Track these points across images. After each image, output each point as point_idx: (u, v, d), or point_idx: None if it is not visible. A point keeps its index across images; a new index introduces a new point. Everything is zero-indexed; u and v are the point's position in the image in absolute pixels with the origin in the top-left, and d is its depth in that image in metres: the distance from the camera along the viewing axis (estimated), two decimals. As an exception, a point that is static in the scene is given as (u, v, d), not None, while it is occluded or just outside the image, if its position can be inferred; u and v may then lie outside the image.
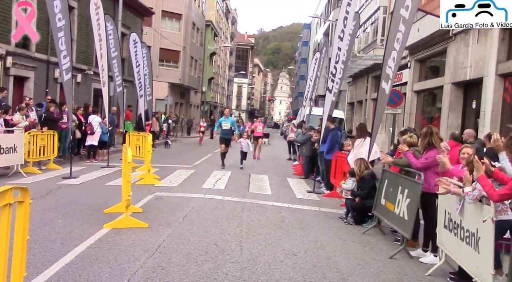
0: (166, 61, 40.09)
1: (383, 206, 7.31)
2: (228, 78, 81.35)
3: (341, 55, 10.89)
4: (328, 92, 11.65)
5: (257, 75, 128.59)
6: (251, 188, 11.15)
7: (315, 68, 18.84)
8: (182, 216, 7.54)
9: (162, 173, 12.52)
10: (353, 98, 31.19)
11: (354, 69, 26.39)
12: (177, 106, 42.85)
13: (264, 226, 7.27)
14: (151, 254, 5.39)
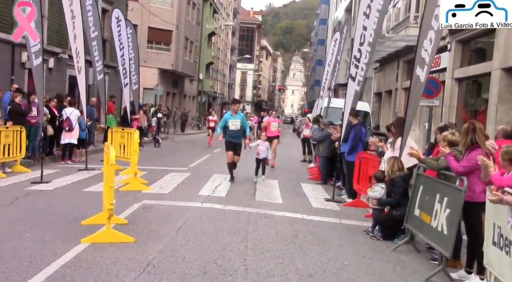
0: (155, 43, 40.20)
1: (417, 218, 7.27)
2: (230, 63, 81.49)
3: (367, 36, 10.85)
4: (351, 80, 11.62)
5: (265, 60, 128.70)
6: (258, 196, 11.15)
7: (334, 52, 18.81)
8: (175, 228, 7.54)
9: (151, 176, 12.55)
10: (381, 87, 31.08)
11: (382, 52, 26.26)
12: (169, 97, 42.97)
13: (274, 241, 7.26)
14: (138, 274, 5.40)
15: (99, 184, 10.28)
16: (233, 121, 12.97)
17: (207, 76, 56.56)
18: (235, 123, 12.96)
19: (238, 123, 12.96)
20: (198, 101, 51.54)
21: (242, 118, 13.19)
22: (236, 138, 13.06)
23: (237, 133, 13.00)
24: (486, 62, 15.68)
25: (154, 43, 40.05)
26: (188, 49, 45.38)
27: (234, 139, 13.01)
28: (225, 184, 12.33)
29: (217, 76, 69.82)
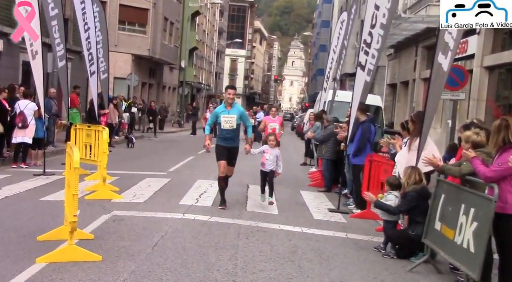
0: (128, 23, 40.05)
1: (438, 232, 7.29)
2: (217, 49, 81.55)
3: (380, 17, 10.85)
4: (360, 69, 11.63)
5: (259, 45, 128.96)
6: (250, 205, 11.15)
7: (340, 35, 18.83)
8: (151, 244, 7.52)
9: (123, 183, 12.51)
10: (395, 78, 31.19)
11: (398, 36, 26.35)
12: (145, 88, 42.89)
13: (268, 259, 7.26)
14: (105, 299, 5.36)
15: (59, 192, 10.21)
16: (227, 117, 10.81)
17: (190, 64, 56.44)
18: (230, 120, 10.81)
19: (235, 120, 10.80)
20: (179, 93, 51.40)
21: (240, 113, 11.02)
22: (232, 141, 10.90)
23: (233, 134, 10.87)
24: (523, 47, 15.73)
25: (126, 24, 39.85)
26: (168, 32, 45.29)
27: (228, 143, 10.86)
28: (212, 191, 12.30)
29: (202, 64, 69.80)
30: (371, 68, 11.33)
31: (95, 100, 18.39)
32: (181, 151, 22.56)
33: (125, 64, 37.86)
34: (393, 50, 31.06)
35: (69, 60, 22.04)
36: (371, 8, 11.15)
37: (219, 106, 11.69)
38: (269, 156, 11.02)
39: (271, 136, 11.48)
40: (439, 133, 21.68)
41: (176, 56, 48.86)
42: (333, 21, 62.58)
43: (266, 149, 11.16)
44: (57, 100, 19.25)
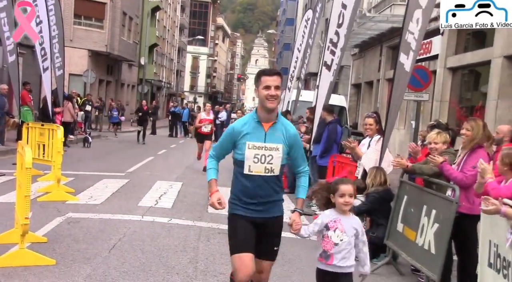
0: (85, 18, 39.56)
1: (400, 234, 7.43)
2: (179, 46, 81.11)
3: (346, 16, 10.99)
4: (326, 69, 11.77)
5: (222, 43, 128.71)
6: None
7: (305, 34, 19.00)
8: (108, 247, 7.48)
9: (79, 184, 12.38)
10: (360, 78, 31.53)
11: (362, 35, 26.66)
12: (102, 85, 42.43)
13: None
14: (59, 304, 5.33)
15: (10, 193, 10.06)
16: (264, 147, 5.00)
17: (150, 61, 56.02)
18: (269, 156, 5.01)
19: (278, 156, 4.97)
20: (139, 91, 51.00)
21: (291, 138, 5.02)
22: (266, 205, 5.09)
23: (269, 189, 5.03)
24: (485, 49, 16.10)
25: (83, 18, 39.37)
26: (127, 27, 44.90)
27: (259, 212, 5.09)
28: (172, 193, 12.29)
29: (163, 62, 69.36)
30: (336, 68, 11.49)
31: (49, 98, 18.14)
32: (140, 151, 22.40)
33: (81, 60, 37.40)
34: (358, 50, 31.37)
35: (21, 55, 21.68)
36: (338, 7, 11.28)
37: (243, 117, 5.28)
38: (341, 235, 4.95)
39: None
40: (403, 134, 22.02)
41: (135, 52, 48.46)
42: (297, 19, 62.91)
43: (331, 219, 4.96)
44: (7, 97, 18.91)
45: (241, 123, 4.99)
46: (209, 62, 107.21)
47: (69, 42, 31.50)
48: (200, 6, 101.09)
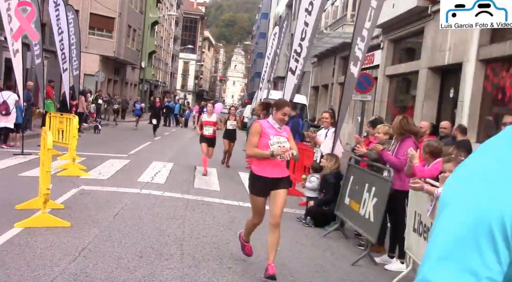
0: (97, 29, 39.01)
1: (347, 206, 7.50)
2: (172, 53, 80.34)
3: (308, 32, 11.01)
4: (291, 73, 11.77)
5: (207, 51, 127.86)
6: (197, 183, 11.14)
7: (274, 45, 18.97)
8: (112, 214, 7.43)
9: (90, 163, 12.26)
10: (318, 81, 31.63)
11: (320, 48, 26.74)
12: (110, 84, 41.97)
13: (210, 227, 7.30)
14: (73, 258, 5.29)
15: (35, 169, 9.94)
16: None
17: (149, 64, 55.52)
18: None
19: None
20: (140, 89, 50.66)
21: None
22: None
23: None
24: (415, 61, 16.30)
25: (96, 29, 38.83)
26: (131, 37, 44.37)
27: None
28: (165, 171, 12.23)
29: (160, 65, 68.71)
30: (299, 73, 11.51)
31: (67, 93, 17.95)
32: (140, 137, 22.21)
33: (94, 63, 36.91)
34: (316, 59, 31.47)
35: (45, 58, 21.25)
36: (301, 25, 11.28)
37: None
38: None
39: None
40: (351, 127, 22.19)
41: (137, 57, 47.95)
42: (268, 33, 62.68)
43: None
44: (34, 92, 18.62)
45: None
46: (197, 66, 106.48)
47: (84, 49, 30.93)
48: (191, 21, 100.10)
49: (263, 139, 5.31)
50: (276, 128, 5.39)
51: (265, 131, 5.34)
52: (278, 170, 5.38)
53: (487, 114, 12.14)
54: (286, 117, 5.44)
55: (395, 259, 6.35)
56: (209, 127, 12.86)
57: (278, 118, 5.38)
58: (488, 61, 11.93)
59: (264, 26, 76.19)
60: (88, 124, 24.19)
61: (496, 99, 11.73)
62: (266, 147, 5.26)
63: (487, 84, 12.00)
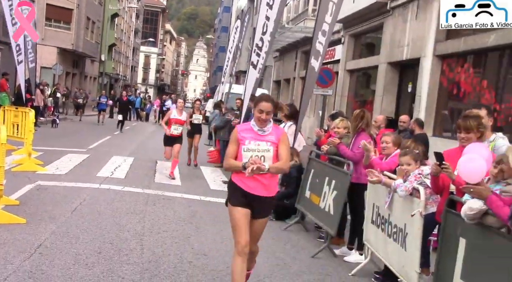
0: (55, 21, 37.99)
1: (307, 199, 7.57)
2: (133, 46, 79.09)
3: (270, 26, 11.01)
4: (252, 67, 11.74)
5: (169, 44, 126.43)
6: (157, 178, 11.02)
7: (235, 39, 18.93)
8: (70, 209, 7.28)
9: (47, 157, 11.96)
10: (280, 75, 31.76)
11: (282, 42, 26.83)
12: (69, 77, 41.02)
13: (171, 222, 7.24)
14: (28, 255, 5.15)
15: (-11, 164, 9.62)
16: None
17: (109, 57, 54.49)
18: None
19: None
20: (99, 82, 49.70)
21: None
22: None
23: None
24: (374, 56, 16.56)
25: (53, 21, 37.81)
26: (90, 29, 43.41)
27: None
28: (125, 166, 12.05)
29: (120, 59, 67.53)
30: (261, 67, 11.51)
31: (23, 86, 17.42)
32: (99, 131, 21.80)
33: (51, 55, 35.97)
34: (278, 53, 31.56)
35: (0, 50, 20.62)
36: (263, 19, 11.26)
37: None
38: None
39: None
40: (312, 121, 22.39)
41: (97, 50, 47.01)
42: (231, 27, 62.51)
43: None
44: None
45: None
46: (158, 60, 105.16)
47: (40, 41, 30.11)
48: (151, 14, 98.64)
49: (240, 146, 4.30)
50: (256, 132, 4.31)
51: (240, 136, 4.31)
52: (260, 186, 4.27)
53: (443, 109, 12.46)
54: (265, 115, 4.26)
55: (354, 251, 6.45)
56: (179, 126, 11.28)
57: (256, 118, 4.33)
58: (444, 57, 12.24)
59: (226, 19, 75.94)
60: (45, 119, 23.58)
61: (452, 94, 12.05)
62: None
63: (443, 79, 12.30)
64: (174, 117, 11.24)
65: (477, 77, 11.12)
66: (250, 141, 4.27)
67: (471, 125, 4.47)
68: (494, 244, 3.63)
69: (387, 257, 5.37)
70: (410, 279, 4.74)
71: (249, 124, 4.46)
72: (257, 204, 4.31)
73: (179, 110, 11.43)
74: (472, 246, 3.88)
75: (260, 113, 4.30)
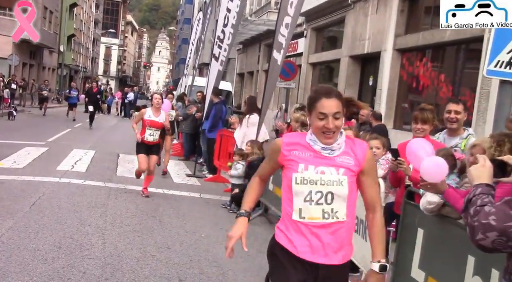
0: (9, 10, 36.81)
1: (270, 192, 7.61)
2: (93, 37, 77.49)
3: (231, 18, 11.00)
4: (214, 60, 11.74)
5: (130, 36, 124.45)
6: (120, 171, 10.88)
7: (198, 31, 18.81)
8: (29, 204, 7.11)
9: (4, 151, 11.62)
10: (243, 68, 31.74)
11: (245, 35, 26.78)
12: (26, 68, 39.93)
13: (134, 216, 7.17)
14: (-15, 252, 5.02)
15: None
16: None
17: (68, 48, 53.24)
18: None
19: None
20: (58, 74, 48.53)
21: None
22: None
23: None
24: (336, 50, 16.74)
25: (7, 10, 36.66)
26: (48, 19, 42.33)
27: None
28: (86, 159, 11.84)
29: (80, 49, 66.07)
30: (223, 59, 11.49)
31: (-23, 77, 16.86)
32: (58, 124, 21.31)
33: (6, 46, 34.87)
34: (241, 46, 31.52)
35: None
36: (224, 11, 11.27)
37: None
38: None
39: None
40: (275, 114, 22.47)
41: (55, 41, 45.89)
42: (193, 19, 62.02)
43: None
44: None
45: None
46: (119, 51, 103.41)
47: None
48: (112, 4, 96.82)
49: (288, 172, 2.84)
50: (317, 151, 2.67)
51: (287, 154, 2.76)
52: None
53: (403, 102, 12.73)
54: (331, 122, 2.52)
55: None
56: (155, 131, 8.53)
57: (317, 128, 2.61)
58: (404, 51, 12.48)
59: (189, 11, 75.24)
60: (1, 111, 22.88)
61: (411, 87, 12.32)
62: None
63: (403, 73, 12.56)
64: (149, 119, 8.47)
65: (435, 71, 11.40)
66: (307, 165, 2.65)
67: (428, 118, 4.60)
68: (451, 233, 3.75)
69: (348, 248, 5.46)
70: (371, 268, 4.84)
71: (304, 137, 2.73)
72: None
73: (155, 109, 8.58)
74: (430, 236, 4.00)
75: (321, 118, 2.59)
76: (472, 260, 3.45)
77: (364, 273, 5.00)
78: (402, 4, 12.41)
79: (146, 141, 8.46)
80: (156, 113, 8.52)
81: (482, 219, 1.96)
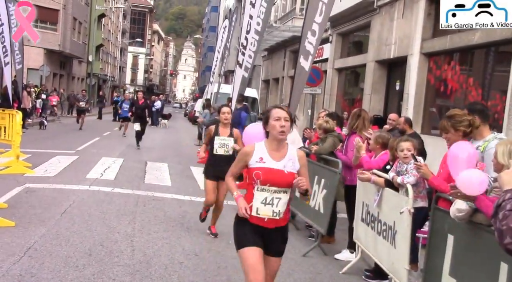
0: (41, 22, 37.69)
1: (297, 198, 7.58)
2: (121, 46, 78.72)
3: (254, 24, 11.06)
4: (238, 67, 11.79)
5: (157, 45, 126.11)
6: (147, 178, 10.99)
7: (223, 39, 18.93)
8: (60, 212, 7.24)
9: (36, 160, 11.87)
10: (269, 75, 31.76)
11: (270, 41, 26.82)
12: (56, 78, 40.74)
13: (162, 223, 7.23)
14: (17, 258, 5.13)
15: (-24, 167, 9.55)
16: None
17: (97, 58, 54.23)
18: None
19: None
20: (87, 83, 49.42)
21: None
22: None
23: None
24: (362, 55, 16.61)
25: (39, 22, 37.49)
26: (77, 30, 43.17)
27: None
28: (114, 167, 12.00)
29: (108, 59, 67.17)
30: (248, 66, 11.53)
31: (9, 87, 17.28)
32: (87, 133, 21.68)
33: (38, 56, 35.70)
34: (266, 53, 31.56)
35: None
36: (247, 18, 11.33)
37: None
38: None
39: None
40: (302, 121, 22.42)
41: (84, 51, 46.77)
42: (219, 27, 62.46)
43: None
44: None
45: None
46: (146, 60, 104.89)
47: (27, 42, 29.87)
48: (139, 14, 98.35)
49: None
50: None
51: None
52: None
53: (431, 106, 12.55)
54: None
55: (345, 249, 6.48)
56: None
57: None
58: (431, 54, 12.32)
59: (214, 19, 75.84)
60: (32, 120, 23.41)
61: (439, 91, 12.14)
62: None
63: (430, 77, 12.39)
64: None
65: (463, 74, 11.21)
66: None
67: (444, 126, 4.44)
68: (482, 240, 3.68)
69: (377, 255, 5.41)
70: (400, 276, 4.78)
71: None
72: None
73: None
74: (461, 242, 3.92)
75: None
76: (505, 267, 3.37)
77: (393, 281, 4.94)
78: (429, 7, 12.27)
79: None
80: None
81: (511, 223, 1.93)
